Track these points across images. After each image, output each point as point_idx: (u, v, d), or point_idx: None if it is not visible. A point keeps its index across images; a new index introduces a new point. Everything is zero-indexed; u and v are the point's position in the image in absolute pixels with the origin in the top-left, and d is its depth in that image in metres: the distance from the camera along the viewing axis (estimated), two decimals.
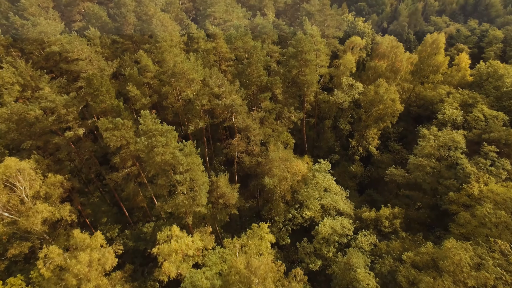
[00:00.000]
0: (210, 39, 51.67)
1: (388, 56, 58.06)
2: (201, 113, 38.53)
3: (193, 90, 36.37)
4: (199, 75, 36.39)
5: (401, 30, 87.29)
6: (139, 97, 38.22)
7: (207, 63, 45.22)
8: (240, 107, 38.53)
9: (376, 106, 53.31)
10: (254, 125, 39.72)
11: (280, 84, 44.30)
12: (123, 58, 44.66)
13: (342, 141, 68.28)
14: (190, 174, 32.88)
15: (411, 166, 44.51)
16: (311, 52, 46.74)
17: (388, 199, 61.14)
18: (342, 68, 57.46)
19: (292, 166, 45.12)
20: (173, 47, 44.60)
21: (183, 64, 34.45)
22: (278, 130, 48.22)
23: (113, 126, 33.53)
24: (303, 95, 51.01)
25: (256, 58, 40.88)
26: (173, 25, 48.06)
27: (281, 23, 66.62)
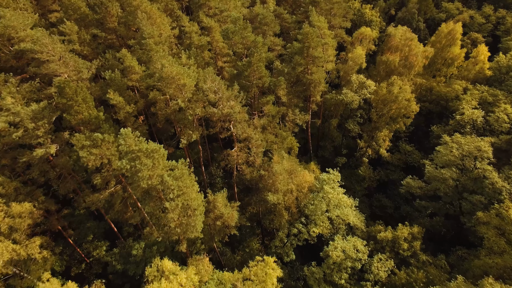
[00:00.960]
0: (204, 32, 45.85)
1: (401, 49, 52.53)
2: (194, 123, 33.41)
3: (185, 98, 31.13)
4: (191, 80, 31.07)
5: (410, 18, 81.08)
6: (123, 105, 32.92)
7: (201, 61, 39.66)
8: (240, 115, 33.42)
9: (389, 106, 48.28)
10: (255, 135, 34.72)
11: (285, 85, 39.01)
12: (105, 56, 38.98)
13: (349, 141, 63.55)
14: (182, 199, 28.14)
15: (430, 177, 39.93)
16: (319, 48, 41.27)
17: (398, 205, 57.24)
18: (351, 63, 51.99)
19: (298, 177, 40.50)
20: (161, 44, 39.02)
21: (172, 68, 29.06)
22: (282, 136, 43.25)
23: (91, 143, 28.46)
24: (308, 95, 45.80)
25: (257, 57, 35.44)
26: (162, 17, 42.16)
27: (282, 12, 60.50)
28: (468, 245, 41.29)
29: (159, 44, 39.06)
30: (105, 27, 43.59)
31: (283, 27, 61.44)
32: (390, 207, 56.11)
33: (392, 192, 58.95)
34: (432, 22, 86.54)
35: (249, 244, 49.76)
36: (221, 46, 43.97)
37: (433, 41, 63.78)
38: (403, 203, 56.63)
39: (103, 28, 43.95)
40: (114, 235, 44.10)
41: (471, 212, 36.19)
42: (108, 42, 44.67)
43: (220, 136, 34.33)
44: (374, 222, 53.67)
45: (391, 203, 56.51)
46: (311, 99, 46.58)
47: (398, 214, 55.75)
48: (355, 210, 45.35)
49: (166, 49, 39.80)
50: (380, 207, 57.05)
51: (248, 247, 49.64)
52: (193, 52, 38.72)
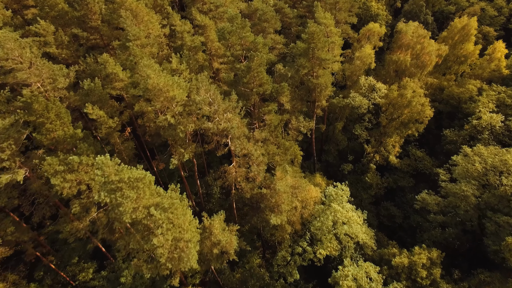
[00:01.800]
0: (198, 30, 41.24)
1: (413, 47, 48.22)
2: (187, 140, 29.29)
3: (174, 112, 26.93)
4: (182, 91, 26.82)
5: (417, 11, 76.43)
6: (104, 120, 28.67)
7: (194, 64, 35.28)
8: (238, 130, 29.32)
9: (400, 111, 44.24)
10: (256, 152, 30.68)
11: (288, 92, 34.82)
12: (86, 60, 34.50)
13: (355, 145, 59.64)
14: (173, 232, 24.27)
15: (449, 193, 36.15)
16: (326, 49, 36.98)
17: (407, 214, 53.81)
18: (358, 62, 47.69)
19: (303, 193, 36.70)
20: (150, 45, 34.57)
21: (159, 78, 24.79)
22: (285, 146, 39.23)
23: (65, 168, 24.38)
24: (313, 100, 41.65)
25: (257, 62, 31.13)
26: (151, 15, 37.53)
27: (283, 6, 55.77)
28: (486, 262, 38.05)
29: (147, 46, 34.63)
30: (87, 25, 38.92)
31: (284, 23, 56.83)
32: (399, 217, 52.68)
33: (400, 200, 55.50)
34: (440, 15, 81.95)
35: (249, 259, 46.20)
36: (216, 47, 39.52)
37: (445, 37, 59.47)
38: (412, 212, 53.15)
39: (85, 27, 39.29)
40: (102, 255, 40.42)
41: (496, 234, 32.61)
42: (91, 43, 40.06)
43: (217, 154, 30.19)
44: (383, 234, 50.47)
45: (400, 212, 53.05)
46: (316, 104, 42.44)
47: (408, 224, 52.38)
48: (364, 224, 41.82)
49: (154, 51, 35.38)
50: (388, 216, 53.60)
51: (248, 263, 46.08)
52: (185, 55, 34.29)
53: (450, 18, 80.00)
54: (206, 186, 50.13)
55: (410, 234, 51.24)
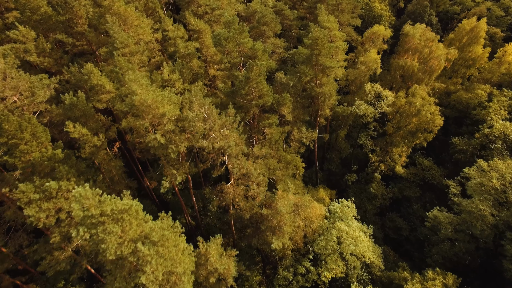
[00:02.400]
0: (193, 34, 38.42)
1: (420, 51, 45.58)
2: (179, 159, 26.55)
3: (165, 130, 24.18)
4: (173, 107, 24.08)
5: (421, 11, 73.75)
6: (88, 138, 25.87)
7: (188, 74, 32.49)
8: (236, 148, 26.63)
9: (408, 120, 41.64)
10: (256, 171, 27.98)
11: (290, 103, 32.12)
12: (70, 70, 31.64)
13: (358, 152, 57.02)
14: (164, 266, 21.58)
15: (463, 210, 33.57)
16: (330, 56, 34.30)
17: (414, 226, 51.38)
18: (363, 68, 45.00)
19: (306, 211, 34.09)
20: (140, 53, 31.77)
21: (146, 94, 22.03)
22: (286, 160, 36.58)
23: (41, 196, 21.64)
24: (316, 109, 38.97)
25: (256, 71, 28.38)
26: (141, 20, 34.68)
27: (283, 8, 52.95)
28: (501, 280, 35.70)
29: (137, 54, 31.82)
30: (73, 31, 36.06)
31: (284, 25, 54.06)
32: (405, 229, 50.22)
33: (406, 211, 53.05)
34: (444, 15, 79.27)
35: (248, 277, 43.65)
36: (212, 53, 36.76)
37: (452, 39, 56.88)
38: (419, 224, 50.77)
39: (70, 32, 36.42)
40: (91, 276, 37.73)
41: None
42: (78, 49, 37.18)
43: (213, 174, 27.49)
44: (389, 247, 48.07)
45: (406, 224, 50.59)
46: (319, 113, 39.77)
47: (415, 237, 49.97)
48: (370, 240, 39.32)
49: (145, 59, 32.57)
50: (394, 228, 51.14)
51: (248, 280, 43.55)
52: (178, 63, 31.50)
53: (455, 18, 77.38)
54: (202, 199, 47.48)
55: (418, 248, 48.84)
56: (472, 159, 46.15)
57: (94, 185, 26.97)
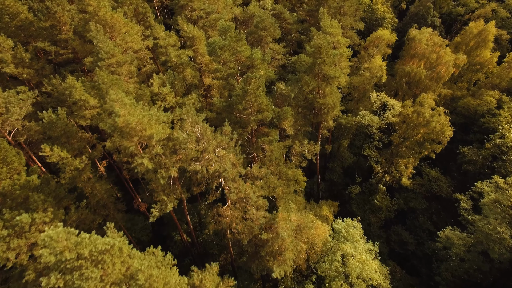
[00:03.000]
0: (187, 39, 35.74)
1: (427, 57, 43.16)
2: (170, 185, 23.96)
3: (153, 154, 21.60)
4: (162, 128, 21.48)
5: (425, 13, 71.45)
6: (69, 161, 23.23)
7: (180, 86, 29.85)
8: (233, 171, 24.07)
9: (415, 130, 39.22)
10: (255, 194, 25.44)
11: (292, 117, 29.59)
12: (52, 82, 28.96)
13: (361, 161, 54.59)
14: None
15: (480, 233, 31.13)
16: (334, 64, 31.81)
17: (421, 240, 49.04)
18: (367, 74, 42.52)
19: (309, 233, 31.60)
20: (128, 63, 29.12)
21: (131, 115, 19.42)
22: (287, 176, 34.07)
23: (10, 232, 19.02)
24: (319, 121, 36.46)
25: (255, 84, 25.84)
26: (130, 26, 32.02)
27: (283, 11, 50.41)
28: None
29: (124, 64, 29.16)
30: (57, 38, 33.36)
31: (284, 29, 51.53)
32: (411, 244, 47.83)
33: (412, 223, 50.66)
34: (448, 17, 76.96)
35: None
36: (207, 61, 34.17)
37: (458, 43, 54.50)
38: (426, 238, 48.45)
39: (54, 40, 33.72)
40: None
41: None
42: (63, 58, 34.47)
43: (208, 200, 24.94)
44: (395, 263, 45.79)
45: (412, 238, 48.18)
46: (321, 125, 37.29)
47: (421, 251, 47.64)
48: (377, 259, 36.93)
49: (133, 70, 29.91)
50: (399, 242, 48.73)
51: None
52: (169, 75, 28.87)
53: (459, 20, 75.09)
54: (198, 214, 44.93)
55: (425, 263, 46.52)
56: (482, 170, 43.88)
57: (76, 211, 24.39)
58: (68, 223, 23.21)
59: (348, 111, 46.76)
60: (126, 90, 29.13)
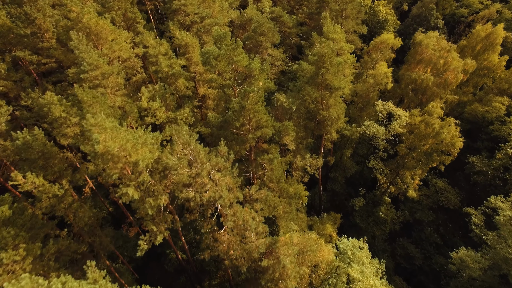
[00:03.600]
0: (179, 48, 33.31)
1: (435, 63, 40.92)
2: (160, 212, 21.53)
3: (139, 182, 19.17)
4: (148, 153, 19.03)
5: (427, 14, 69.29)
6: (45, 189, 20.73)
7: (171, 100, 27.37)
8: (230, 196, 21.67)
9: (423, 141, 37.00)
10: (255, 220, 23.05)
11: (294, 132, 27.21)
12: (30, 95, 26.44)
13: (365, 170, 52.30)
14: None
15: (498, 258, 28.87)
16: (339, 74, 29.46)
17: (428, 254, 46.85)
18: (372, 81, 40.22)
19: (313, 256, 29.29)
20: (114, 74, 26.64)
21: (113, 140, 16.97)
22: (288, 193, 31.72)
23: None
24: (321, 134, 34.16)
25: (253, 99, 23.47)
26: (117, 33, 29.50)
27: (282, 14, 48.00)
28: None
29: (111, 76, 26.65)
30: (39, 46, 30.83)
31: (283, 33, 49.14)
32: (418, 258, 45.57)
33: (418, 235, 48.43)
34: (450, 18, 74.78)
35: None
36: (202, 70, 31.74)
37: (464, 46, 52.30)
38: (433, 252, 46.25)
39: (36, 48, 31.19)
40: None
41: None
42: (45, 68, 31.97)
43: (202, 230, 22.54)
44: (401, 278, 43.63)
45: (418, 252, 45.92)
46: (324, 137, 34.97)
47: (429, 266, 45.43)
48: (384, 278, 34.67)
49: (120, 81, 27.41)
50: (405, 256, 46.47)
51: None
52: (160, 87, 26.41)
53: (462, 22, 72.94)
54: (194, 230, 42.51)
55: (433, 279, 44.29)
56: (493, 182, 41.73)
57: (55, 242, 21.91)
58: (45, 257, 20.72)
59: (351, 119, 44.51)
60: (112, 105, 26.67)
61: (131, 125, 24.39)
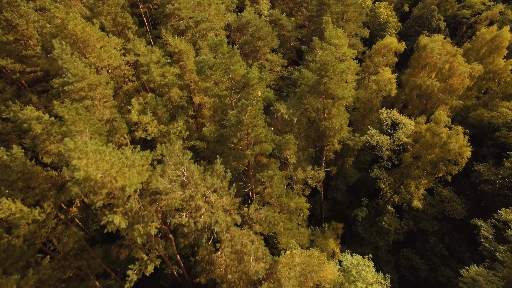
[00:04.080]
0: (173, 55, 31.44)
1: (440, 68, 39.28)
2: (152, 238, 19.69)
3: (126, 209, 17.35)
4: (137, 176, 17.21)
5: (429, 16, 67.69)
6: (23, 214, 18.85)
7: (164, 112, 25.53)
8: (228, 219, 19.89)
9: (430, 150, 35.36)
10: (254, 244, 21.28)
11: (295, 146, 25.43)
12: (11, 108, 24.56)
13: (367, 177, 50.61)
14: None
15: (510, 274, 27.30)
16: (343, 83, 27.73)
17: (433, 266, 45.21)
18: (375, 87, 38.53)
19: (316, 278, 27.57)
20: (102, 85, 24.80)
21: (96, 166, 15.16)
22: (289, 209, 29.96)
23: None
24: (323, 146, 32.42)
25: (251, 113, 21.71)
26: (105, 40, 27.62)
27: (280, 17, 46.20)
28: None
29: (98, 87, 24.79)
30: (22, 54, 28.92)
31: (282, 36, 47.34)
32: (423, 270, 43.91)
33: (422, 245, 46.72)
34: (452, 20, 73.21)
35: None
36: (197, 78, 29.91)
37: (468, 49, 50.65)
38: (439, 263, 44.59)
39: (20, 57, 29.26)
40: None
41: None
42: (30, 77, 30.06)
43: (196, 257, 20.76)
44: None
45: (423, 264, 44.21)
46: (326, 147, 33.25)
47: (434, 278, 43.76)
48: None
49: (108, 93, 25.56)
50: (410, 268, 44.80)
51: None
52: (151, 99, 24.56)
53: (464, 23, 71.41)
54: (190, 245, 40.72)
55: None
56: (502, 191, 40.13)
57: (36, 272, 20.04)
58: None
59: (354, 126, 42.80)
60: (101, 117, 24.83)
61: (120, 142, 22.56)
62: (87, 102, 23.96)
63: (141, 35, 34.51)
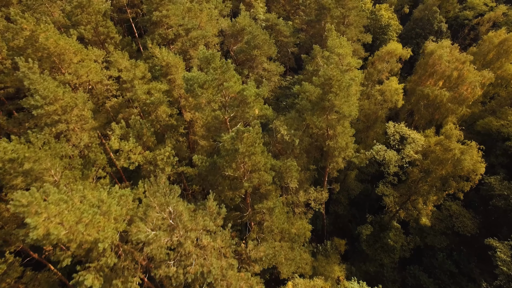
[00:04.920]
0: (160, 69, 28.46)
1: (449, 76, 36.78)
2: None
3: (100, 264, 14.46)
4: (111, 229, 14.33)
5: (430, 17, 65.31)
6: None
7: (149, 136, 22.63)
8: (223, 263, 17.09)
9: (440, 167, 32.83)
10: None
11: (297, 173, 22.65)
12: None
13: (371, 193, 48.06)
14: None
15: None
16: (349, 99, 25.01)
17: (443, 285, 42.75)
18: (380, 98, 35.94)
19: None
20: (78, 108, 21.87)
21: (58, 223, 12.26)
22: (291, 236, 27.24)
23: None
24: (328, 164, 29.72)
25: (248, 141, 18.90)
26: (84, 53, 24.62)
27: (278, 22, 43.39)
28: None
29: (74, 109, 21.81)
30: None
31: (279, 42, 44.56)
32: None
33: (430, 262, 44.21)
34: (454, 22, 70.91)
35: None
36: (187, 95, 26.99)
37: (474, 53, 48.24)
38: (448, 281, 42.15)
39: None
40: None
41: None
42: (2, 94, 26.98)
43: None
44: None
45: (432, 282, 41.68)
46: (330, 166, 30.54)
47: None
48: None
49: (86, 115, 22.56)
50: (417, 287, 42.34)
51: None
52: (134, 122, 21.64)
53: (466, 25, 69.14)
54: None
55: None
56: None
57: None
58: None
59: (357, 138, 40.18)
60: (78, 143, 21.88)
61: (97, 175, 19.64)
62: (61, 127, 21.01)
63: (126, 45, 31.47)
